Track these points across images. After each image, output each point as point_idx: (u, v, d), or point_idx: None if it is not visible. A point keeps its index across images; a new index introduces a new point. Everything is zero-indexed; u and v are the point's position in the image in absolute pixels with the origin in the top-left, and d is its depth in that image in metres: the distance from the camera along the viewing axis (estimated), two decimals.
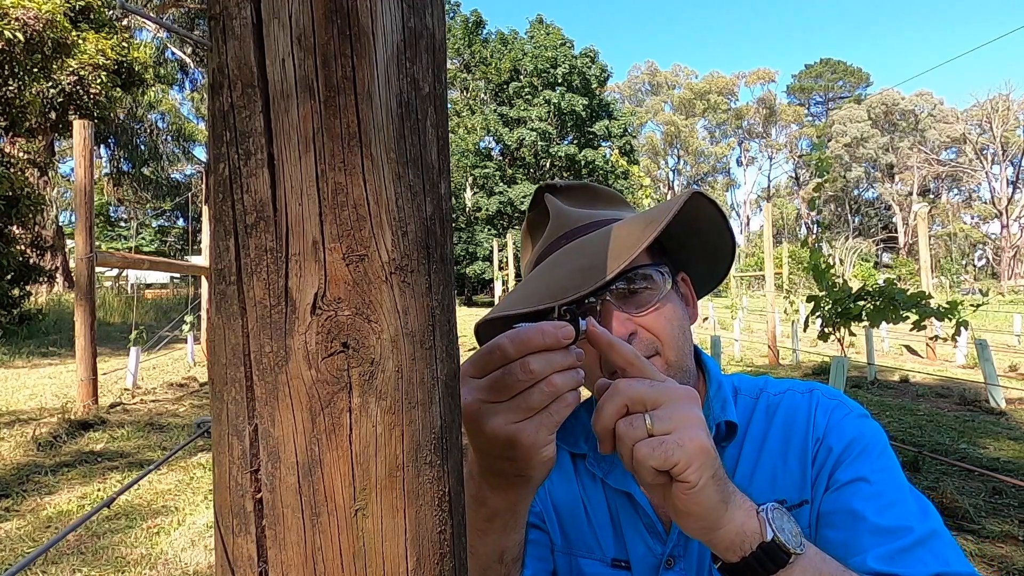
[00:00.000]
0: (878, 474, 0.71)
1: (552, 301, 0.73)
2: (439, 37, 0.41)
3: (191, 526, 3.18)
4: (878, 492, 0.69)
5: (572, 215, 0.85)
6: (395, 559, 0.37)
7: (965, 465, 3.76)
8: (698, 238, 0.83)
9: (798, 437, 0.77)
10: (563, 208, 0.86)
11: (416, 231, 0.38)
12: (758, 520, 0.56)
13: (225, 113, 0.37)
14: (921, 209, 9.06)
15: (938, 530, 0.66)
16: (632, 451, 0.56)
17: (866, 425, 0.77)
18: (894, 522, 0.66)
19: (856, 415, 0.78)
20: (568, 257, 0.77)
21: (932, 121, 51.68)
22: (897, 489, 0.70)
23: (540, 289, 0.76)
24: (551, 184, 0.90)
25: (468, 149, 32.80)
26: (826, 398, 0.81)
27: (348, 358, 0.36)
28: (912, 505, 0.68)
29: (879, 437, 0.75)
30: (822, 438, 0.76)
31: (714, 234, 0.82)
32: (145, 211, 35.52)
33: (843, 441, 0.75)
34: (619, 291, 0.75)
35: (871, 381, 7.20)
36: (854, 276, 18.87)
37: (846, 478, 0.72)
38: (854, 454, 0.73)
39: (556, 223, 0.85)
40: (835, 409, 0.79)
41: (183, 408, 6.04)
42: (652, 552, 0.80)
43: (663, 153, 63.01)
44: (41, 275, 12.20)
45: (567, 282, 0.73)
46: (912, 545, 0.64)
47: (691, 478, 0.53)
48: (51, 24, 10.01)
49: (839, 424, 0.77)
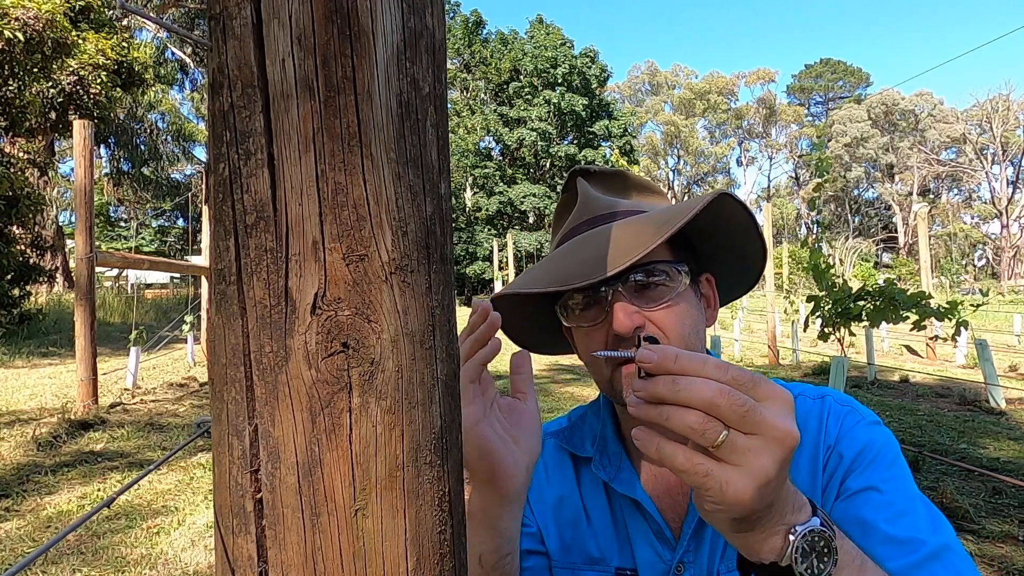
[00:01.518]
0: (889, 483, 0.69)
1: (562, 285, 0.73)
2: (439, 37, 0.41)
3: (191, 526, 3.18)
4: (889, 502, 0.68)
5: (599, 202, 0.84)
6: (395, 559, 0.37)
7: (965, 465, 3.76)
8: (727, 241, 0.82)
9: (809, 444, 0.76)
10: (591, 194, 0.85)
11: (416, 231, 0.38)
12: (784, 541, 0.50)
13: (225, 113, 0.37)
14: (921, 209, 9.06)
15: (951, 544, 0.65)
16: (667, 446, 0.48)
17: (878, 433, 0.75)
18: (906, 533, 0.64)
19: (868, 422, 0.77)
20: (586, 244, 0.76)
21: (932, 121, 51.68)
22: (909, 499, 0.68)
23: (553, 272, 0.76)
24: (585, 168, 0.89)
25: (468, 149, 32.81)
26: (838, 404, 0.79)
27: (348, 358, 0.36)
28: (924, 516, 0.67)
29: (891, 445, 0.74)
30: (833, 445, 0.75)
31: (743, 238, 0.81)
32: (145, 211, 35.54)
33: (854, 449, 0.73)
34: (633, 284, 0.75)
35: (871, 381, 7.20)
36: (854, 276, 18.85)
37: (857, 487, 0.70)
38: (865, 462, 0.72)
39: (582, 208, 0.84)
40: (847, 416, 0.77)
41: (183, 408, 6.04)
42: (661, 559, 0.78)
43: (663, 153, 63.01)
44: (41, 275, 12.20)
45: (581, 268, 0.73)
46: (925, 560, 0.62)
47: (707, 508, 0.49)
48: (51, 24, 10.01)
49: (851, 431, 0.75)
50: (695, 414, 0.46)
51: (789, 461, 0.47)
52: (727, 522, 0.50)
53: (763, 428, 0.46)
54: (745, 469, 0.46)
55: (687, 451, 0.47)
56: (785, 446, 0.46)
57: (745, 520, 0.49)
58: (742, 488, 0.46)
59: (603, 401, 0.88)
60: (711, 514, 0.49)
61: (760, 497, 0.46)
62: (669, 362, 0.48)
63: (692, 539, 0.77)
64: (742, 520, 0.49)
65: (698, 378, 0.47)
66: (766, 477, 0.46)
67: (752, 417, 0.46)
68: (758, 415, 0.46)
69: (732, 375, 0.47)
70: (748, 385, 0.47)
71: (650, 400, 0.48)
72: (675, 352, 0.48)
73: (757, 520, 0.50)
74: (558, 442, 0.90)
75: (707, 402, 0.46)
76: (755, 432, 0.46)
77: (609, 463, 0.83)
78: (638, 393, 0.49)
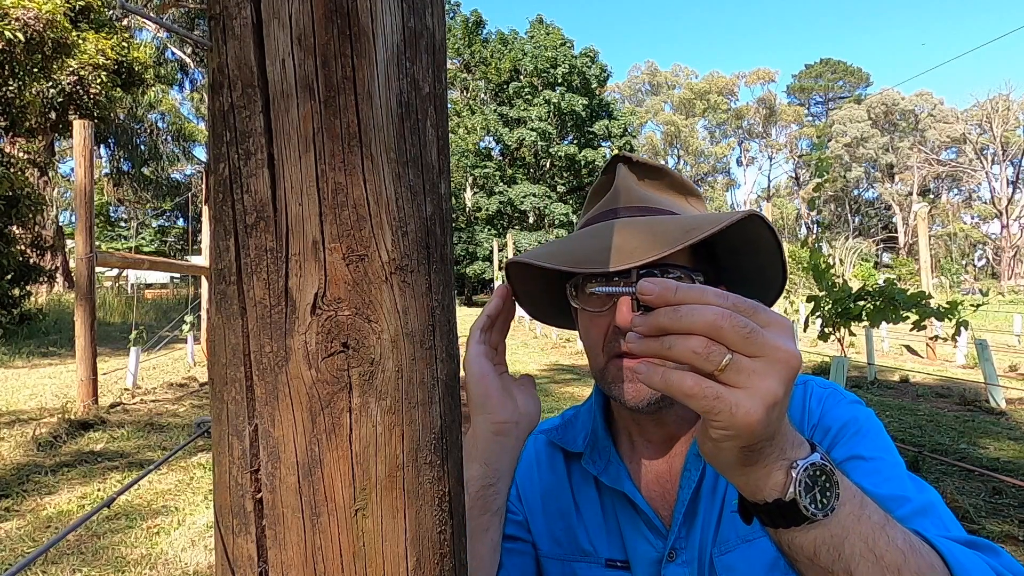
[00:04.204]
0: (874, 452, 0.72)
1: (575, 266, 0.73)
2: (439, 37, 0.41)
3: (191, 526, 3.17)
4: (875, 468, 0.70)
5: (633, 192, 0.83)
6: (395, 559, 0.37)
7: (965, 465, 3.76)
8: (749, 260, 0.82)
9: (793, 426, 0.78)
10: (628, 183, 0.84)
11: (416, 231, 0.38)
12: (786, 476, 0.50)
13: (225, 113, 0.37)
14: (921, 209, 9.06)
15: (935, 501, 0.67)
16: (673, 373, 0.46)
17: (859, 410, 0.78)
18: (892, 492, 0.67)
19: (849, 401, 0.80)
20: (610, 232, 0.76)
21: (932, 121, 51.69)
22: (893, 466, 0.71)
23: (570, 251, 0.76)
24: (628, 155, 0.88)
25: (468, 149, 32.82)
26: (819, 387, 0.82)
27: (348, 358, 0.36)
28: (908, 480, 0.70)
29: (872, 420, 0.77)
30: (817, 423, 0.78)
31: (766, 260, 0.81)
32: (145, 211, 35.53)
33: (838, 423, 0.76)
34: None
35: (871, 381, 7.20)
36: (854, 276, 18.86)
37: (842, 456, 0.73)
38: (849, 434, 0.75)
39: (614, 195, 0.84)
40: (829, 397, 0.80)
41: (183, 408, 6.04)
42: (654, 547, 0.80)
43: (663, 153, 63.01)
44: (41, 275, 12.20)
45: (596, 255, 0.73)
46: (912, 514, 0.64)
47: (715, 436, 0.48)
48: (51, 24, 10.01)
49: (833, 408, 0.78)
50: (698, 339, 0.45)
51: (792, 382, 0.47)
52: (734, 451, 0.49)
53: (767, 350, 0.45)
54: (752, 391, 0.45)
55: (695, 375, 0.46)
56: (790, 366, 0.46)
57: (751, 449, 0.49)
58: (751, 409, 0.45)
59: (595, 397, 0.89)
60: (718, 443, 0.48)
61: (768, 420, 0.46)
62: (669, 293, 0.47)
63: (683, 525, 0.78)
64: (748, 449, 0.49)
65: (699, 304, 0.46)
66: (774, 397, 0.45)
67: (755, 339, 0.45)
68: (761, 337, 0.46)
69: (733, 301, 0.47)
70: (749, 311, 0.47)
71: (651, 333, 0.48)
72: (675, 284, 0.48)
73: (760, 451, 0.49)
74: (549, 439, 0.92)
75: (710, 325, 0.45)
76: (759, 354, 0.46)
77: (599, 458, 0.85)
78: (638, 328, 0.48)
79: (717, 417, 0.46)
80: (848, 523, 0.51)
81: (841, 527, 0.51)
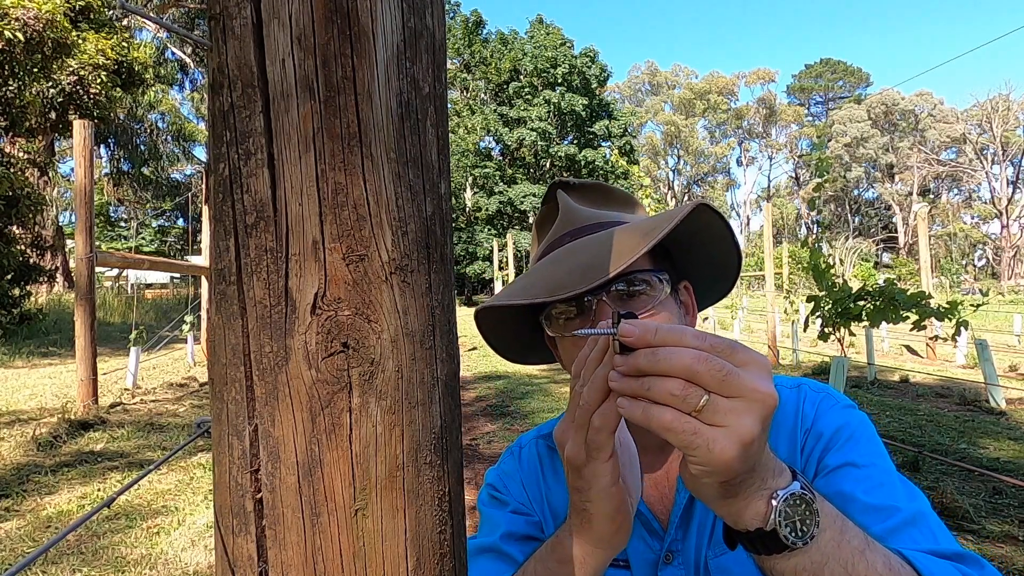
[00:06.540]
0: (866, 459, 0.73)
1: (548, 296, 0.74)
2: (439, 37, 0.41)
3: (191, 526, 3.17)
4: (867, 475, 0.71)
5: (580, 213, 0.86)
6: (395, 559, 0.37)
7: (965, 465, 3.76)
8: (704, 249, 0.84)
9: (786, 430, 0.79)
10: (572, 206, 0.87)
11: (416, 231, 0.38)
12: (767, 506, 0.51)
13: (225, 113, 0.37)
14: (921, 209, 9.07)
15: (925, 511, 0.68)
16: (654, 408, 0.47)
17: (852, 415, 0.79)
18: (883, 501, 0.67)
19: (842, 405, 0.80)
20: (570, 255, 0.78)
21: (932, 121, 51.69)
22: (885, 473, 0.71)
23: (538, 283, 0.77)
24: (565, 181, 0.91)
25: (468, 149, 32.82)
26: (813, 391, 0.83)
27: (348, 358, 0.36)
28: (900, 487, 0.70)
29: (866, 425, 0.78)
30: (810, 428, 0.78)
31: (720, 247, 0.84)
32: (145, 211, 35.53)
33: (831, 428, 0.77)
34: (616, 292, 0.77)
35: (871, 381, 7.20)
36: (854, 276, 18.85)
37: (835, 463, 0.73)
38: (842, 440, 0.75)
39: (563, 220, 0.86)
40: (822, 401, 0.81)
41: (183, 408, 6.04)
42: (651, 549, 0.81)
43: (663, 153, 63.01)
44: (41, 275, 12.20)
45: (566, 279, 0.74)
46: (902, 524, 0.65)
47: (694, 471, 0.49)
48: (51, 24, 10.01)
49: (827, 413, 0.79)
50: (676, 381, 0.47)
51: (769, 421, 0.48)
52: (713, 487, 0.51)
53: (743, 391, 0.46)
54: (729, 429, 0.46)
55: (674, 411, 0.47)
56: (766, 406, 0.47)
57: (730, 484, 0.50)
58: (727, 447, 0.46)
59: None
60: (697, 479, 0.50)
61: (745, 457, 0.47)
62: (649, 335, 0.48)
63: (679, 528, 0.79)
64: (727, 483, 0.50)
65: (677, 347, 0.47)
66: (750, 435, 0.46)
67: (731, 381, 0.46)
68: (737, 378, 0.47)
69: (710, 343, 0.48)
70: (726, 351, 0.48)
71: (631, 373, 0.49)
72: (655, 325, 0.49)
73: (740, 484, 0.51)
74: (549, 443, 0.93)
75: (687, 369, 0.46)
76: (736, 395, 0.47)
77: None
78: (619, 368, 0.50)
79: (695, 453, 0.47)
80: (828, 549, 0.53)
81: (821, 554, 0.53)
